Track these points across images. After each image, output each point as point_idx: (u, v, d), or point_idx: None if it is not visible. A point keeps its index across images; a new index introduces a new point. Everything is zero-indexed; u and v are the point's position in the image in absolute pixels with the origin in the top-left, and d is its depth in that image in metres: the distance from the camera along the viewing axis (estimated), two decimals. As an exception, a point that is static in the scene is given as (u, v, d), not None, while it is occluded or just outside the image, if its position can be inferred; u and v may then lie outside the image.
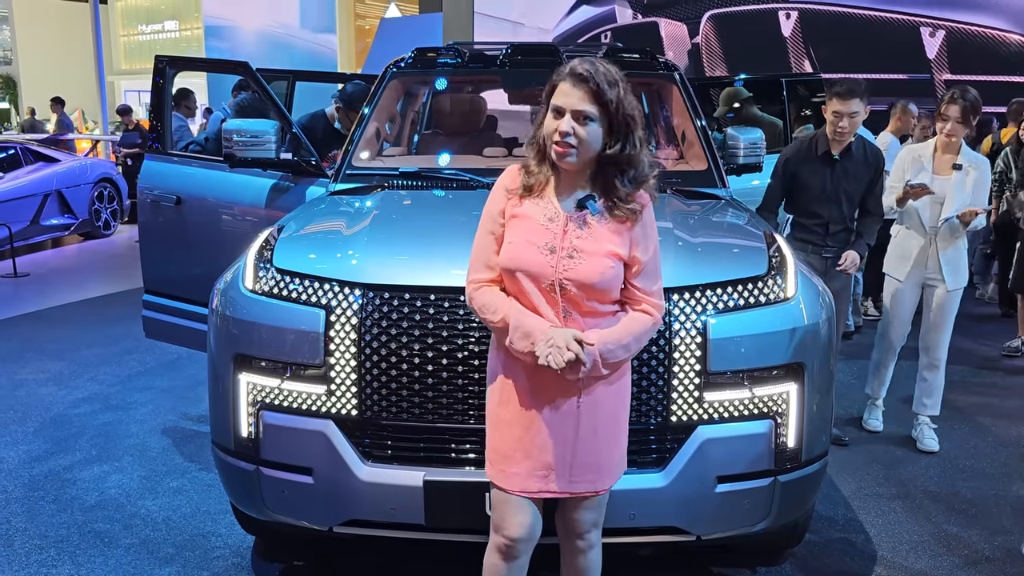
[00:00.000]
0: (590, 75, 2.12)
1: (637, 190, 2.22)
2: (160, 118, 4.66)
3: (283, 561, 3.34)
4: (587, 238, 2.19)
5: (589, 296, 2.19)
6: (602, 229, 2.20)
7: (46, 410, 5.00)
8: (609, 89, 2.13)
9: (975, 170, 4.32)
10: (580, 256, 2.17)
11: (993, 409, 5.18)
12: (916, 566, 3.35)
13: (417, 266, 2.76)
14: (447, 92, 4.68)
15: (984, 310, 7.76)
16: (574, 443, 2.26)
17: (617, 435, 2.34)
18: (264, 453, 2.74)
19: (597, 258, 2.17)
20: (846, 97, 4.08)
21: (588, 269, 2.16)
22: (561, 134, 2.14)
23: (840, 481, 4.09)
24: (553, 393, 2.23)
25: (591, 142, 2.15)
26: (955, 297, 4.44)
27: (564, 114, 2.14)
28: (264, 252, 2.91)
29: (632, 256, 2.22)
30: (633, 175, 2.20)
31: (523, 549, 2.35)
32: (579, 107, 2.13)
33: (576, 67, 2.15)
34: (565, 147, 2.14)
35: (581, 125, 2.13)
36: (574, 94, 2.14)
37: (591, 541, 2.43)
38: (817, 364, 2.78)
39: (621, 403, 2.34)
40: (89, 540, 3.49)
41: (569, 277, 2.17)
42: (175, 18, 29.49)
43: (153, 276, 4.67)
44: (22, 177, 10.51)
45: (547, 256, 2.18)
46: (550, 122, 2.18)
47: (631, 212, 2.20)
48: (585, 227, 2.20)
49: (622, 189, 2.19)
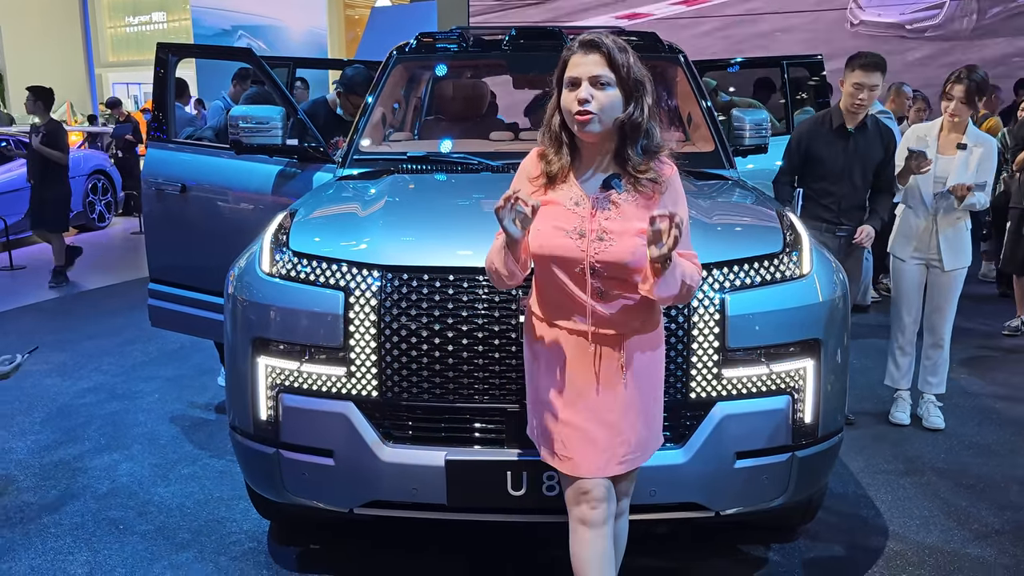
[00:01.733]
0: (600, 41, 2.15)
1: (652, 160, 2.22)
2: (163, 107, 4.64)
3: (299, 545, 3.35)
4: (615, 219, 2.18)
5: (622, 276, 2.19)
6: (629, 208, 2.19)
7: (52, 401, 4.99)
8: (620, 54, 2.15)
9: (980, 149, 4.34)
10: (610, 237, 2.17)
11: (997, 387, 5.22)
12: (927, 541, 3.39)
13: (434, 247, 2.76)
14: (451, 77, 4.67)
15: (983, 290, 7.81)
16: (621, 424, 2.27)
17: (657, 410, 2.38)
18: (284, 436, 2.74)
19: (627, 238, 2.16)
20: (870, 69, 4.10)
21: (619, 250, 2.16)
22: (580, 101, 2.13)
23: (849, 459, 4.12)
24: (597, 375, 2.24)
25: (610, 108, 2.15)
26: (956, 277, 4.46)
27: (580, 84, 2.15)
28: (280, 236, 2.91)
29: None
30: (645, 144, 2.21)
31: (604, 513, 2.32)
32: (595, 72, 2.14)
33: (584, 38, 2.18)
34: (586, 115, 2.14)
35: (599, 90, 2.14)
36: (587, 61, 2.15)
37: (622, 508, 2.47)
38: (833, 340, 2.80)
39: (658, 379, 2.37)
40: (104, 527, 3.49)
41: (601, 260, 2.17)
42: (163, 9, 29.27)
43: (159, 265, 4.66)
44: (15, 170, 10.45)
45: (577, 240, 2.18)
46: (567, 96, 2.18)
47: (653, 183, 2.20)
48: (612, 207, 2.19)
49: (636, 159, 2.20)
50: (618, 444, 2.28)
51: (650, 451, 2.38)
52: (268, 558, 3.26)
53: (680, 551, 3.28)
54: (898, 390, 4.70)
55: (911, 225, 4.47)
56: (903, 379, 4.68)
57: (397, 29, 13.20)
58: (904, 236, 4.51)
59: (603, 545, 2.33)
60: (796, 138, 4.37)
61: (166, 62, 4.59)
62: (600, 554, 2.33)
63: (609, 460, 2.28)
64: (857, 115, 4.20)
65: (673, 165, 2.27)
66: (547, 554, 3.26)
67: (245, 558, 3.25)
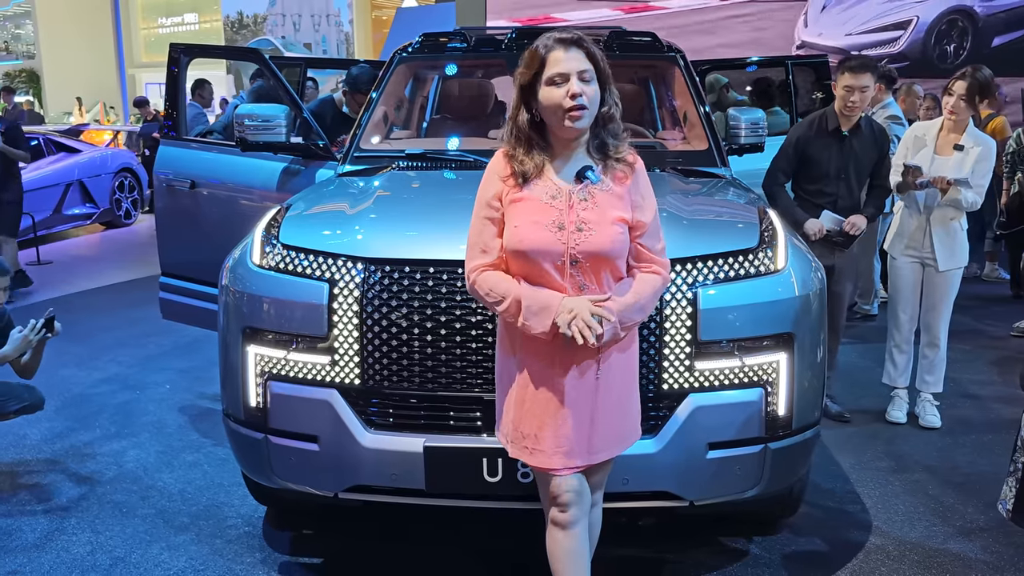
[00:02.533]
0: (579, 37, 2.20)
1: (622, 144, 2.29)
2: (175, 105, 4.78)
3: (293, 530, 3.46)
4: (592, 208, 2.22)
5: (602, 266, 2.24)
6: (605, 197, 2.24)
7: (67, 390, 5.16)
8: (595, 48, 2.22)
9: (977, 150, 4.32)
10: (589, 228, 2.20)
11: (997, 388, 5.21)
12: (910, 536, 3.42)
13: (417, 241, 2.85)
14: (454, 76, 4.76)
15: (995, 291, 7.75)
16: (593, 416, 2.30)
17: (632, 403, 2.42)
18: (272, 422, 2.85)
19: (606, 226, 2.21)
20: (859, 71, 4.14)
21: (599, 239, 2.20)
22: (573, 96, 2.16)
23: (840, 456, 4.15)
24: (569, 370, 2.27)
25: (595, 101, 2.21)
26: (951, 277, 4.45)
27: (568, 79, 2.17)
28: (271, 229, 3.02)
29: (635, 219, 2.27)
30: (615, 130, 2.28)
31: (577, 514, 2.37)
32: (582, 67, 2.18)
33: (559, 35, 2.22)
34: (579, 109, 2.17)
35: (586, 85, 2.18)
36: (572, 57, 2.18)
37: (595, 500, 2.51)
38: (807, 334, 2.85)
39: (632, 372, 2.41)
40: (108, 510, 3.63)
41: (582, 250, 2.20)
42: (195, 11, 29.71)
43: (169, 259, 4.80)
44: (44, 167, 10.72)
45: (556, 233, 2.21)
46: (553, 93, 2.18)
47: (627, 166, 2.27)
48: (590, 198, 2.23)
49: (611, 144, 2.26)
50: (592, 435, 2.31)
51: (627, 442, 2.43)
52: (262, 541, 3.37)
53: (663, 543, 3.34)
54: (895, 388, 4.71)
55: (906, 224, 4.49)
56: (900, 377, 4.69)
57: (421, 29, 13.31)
58: (898, 235, 4.53)
59: (574, 544, 2.39)
60: (791, 141, 4.39)
61: (178, 61, 4.74)
62: (571, 552, 2.40)
63: (581, 451, 2.31)
64: (851, 117, 4.23)
65: (636, 154, 2.33)
66: (535, 541, 3.34)
67: (240, 541, 3.37)
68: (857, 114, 4.24)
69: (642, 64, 4.77)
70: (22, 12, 31.35)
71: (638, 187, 2.29)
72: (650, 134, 4.47)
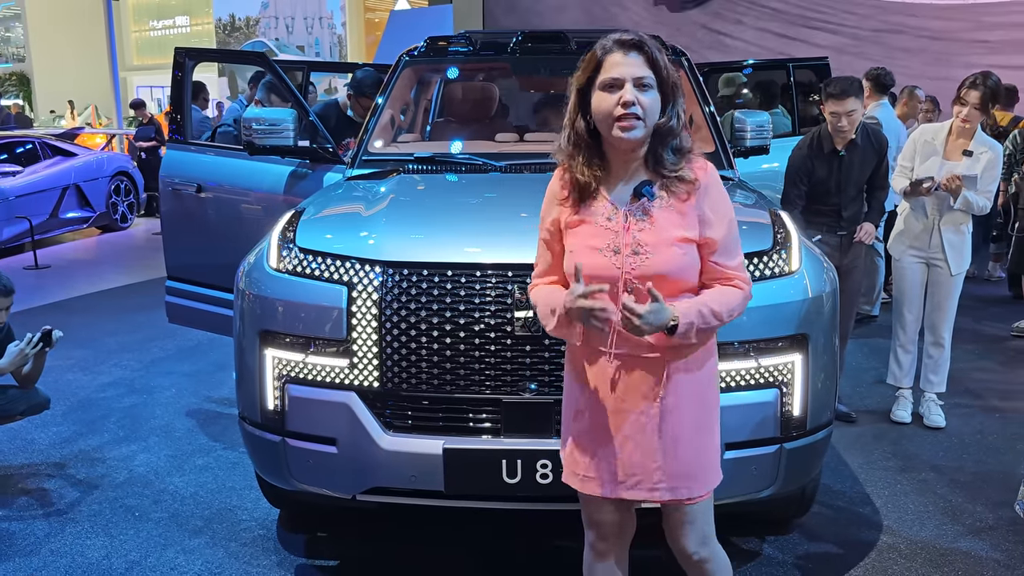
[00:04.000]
0: (641, 41, 2.03)
1: (681, 160, 2.08)
2: (180, 109, 4.78)
3: (307, 532, 3.46)
4: (649, 229, 2.05)
5: (664, 289, 2.03)
6: (664, 216, 2.06)
7: (73, 395, 5.15)
8: (659, 54, 2.04)
9: (986, 156, 4.35)
10: (646, 250, 2.04)
11: (1000, 387, 5.26)
12: (920, 535, 3.45)
13: (434, 244, 2.87)
14: (459, 80, 4.78)
15: (994, 292, 7.81)
16: (652, 449, 2.12)
17: (701, 441, 2.18)
18: (289, 424, 2.86)
19: (664, 248, 2.04)
20: (840, 98, 4.14)
21: (655, 262, 2.04)
22: (625, 104, 1.99)
23: (848, 456, 4.18)
24: (630, 397, 2.12)
25: (652, 112, 2.02)
26: (958, 279, 4.50)
27: (622, 85, 2.01)
28: (287, 233, 3.02)
29: (704, 237, 2.08)
30: (676, 146, 2.07)
31: (610, 548, 2.32)
32: (639, 73, 2.00)
33: (621, 37, 2.05)
34: (631, 119, 2.00)
35: (641, 93, 2.01)
36: (629, 61, 2.02)
37: (701, 555, 2.25)
38: (821, 335, 2.88)
39: (705, 407, 2.19)
40: (120, 514, 3.63)
41: (638, 275, 2.04)
42: (186, 13, 29.69)
43: (175, 262, 4.80)
44: (41, 171, 10.70)
45: (611, 258, 2.06)
46: (605, 99, 2.02)
47: (688, 183, 2.07)
48: (646, 218, 2.06)
49: (668, 161, 2.06)
50: (653, 470, 2.13)
51: (699, 485, 2.17)
52: (277, 544, 3.37)
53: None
54: (900, 388, 4.74)
55: (912, 226, 4.52)
56: (905, 377, 4.72)
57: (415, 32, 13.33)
58: (904, 236, 4.57)
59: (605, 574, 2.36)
60: (795, 167, 4.39)
61: (183, 65, 4.74)
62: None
63: (623, 487, 2.16)
64: (845, 136, 4.25)
65: (708, 166, 2.13)
66: (550, 543, 3.36)
67: (255, 544, 3.37)
68: (849, 134, 4.25)
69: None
70: (12, 15, 31.27)
71: (706, 203, 2.08)
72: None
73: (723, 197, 2.13)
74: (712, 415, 2.22)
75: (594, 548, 2.35)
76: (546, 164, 3.73)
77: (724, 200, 2.12)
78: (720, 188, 2.13)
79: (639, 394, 2.12)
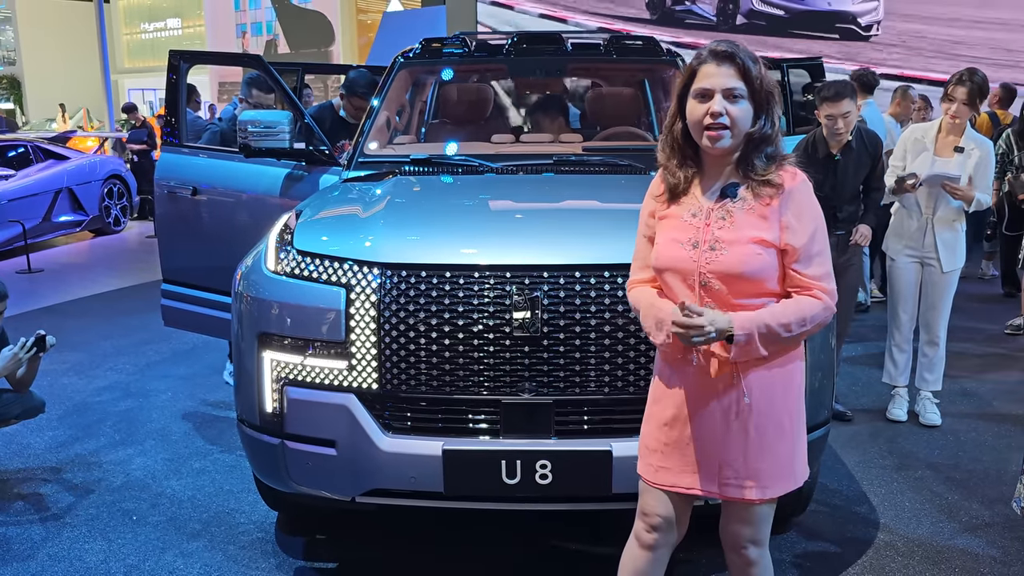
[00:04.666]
0: (734, 52, 2.09)
1: (772, 165, 2.13)
2: (175, 112, 4.77)
3: (306, 535, 3.46)
4: (728, 227, 2.12)
5: (736, 288, 2.11)
6: (744, 216, 2.13)
7: (68, 399, 5.13)
8: (753, 65, 2.09)
9: (977, 152, 4.39)
10: (722, 247, 2.11)
11: (995, 385, 5.28)
12: (917, 533, 3.46)
13: (431, 246, 2.87)
14: (455, 81, 4.78)
15: (987, 290, 7.84)
16: (724, 445, 2.18)
17: (777, 443, 2.20)
18: (288, 427, 2.85)
19: (739, 246, 2.10)
20: (835, 100, 4.16)
21: (730, 259, 2.10)
22: (713, 115, 2.07)
23: (844, 454, 4.20)
24: (707, 392, 2.18)
25: (742, 122, 2.09)
26: (952, 277, 4.52)
27: (712, 96, 2.08)
28: (285, 235, 3.02)
29: (784, 242, 2.11)
30: (771, 152, 2.14)
31: (660, 541, 2.34)
32: (729, 84, 2.07)
33: (716, 47, 2.12)
34: (719, 129, 2.08)
35: (731, 104, 2.08)
36: (721, 73, 2.09)
37: (750, 557, 2.32)
38: (818, 334, 2.87)
39: (785, 409, 2.21)
40: (118, 518, 3.62)
41: (712, 270, 2.11)
42: (177, 16, 29.64)
43: (171, 266, 4.79)
44: (33, 175, 10.66)
45: (690, 251, 2.14)
46: (696, 108, 2.11)
47: (773, 188, 2.12)
48: (727, 217, 2.14)
49: (760, 166, 2.12)
50: (724, 465, 2.19)
51: (769, 488, 2.21)
52: (275, 547, 3.37)
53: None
54: (895, 387, 4.76)
55: (906, 225, 4.55)
56: (900, 376, 4.74)
57: (408, 33, 13.33)
58: (897, 235, 4.59)
59: (644, 566, 2.36)
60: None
61: (178, 68, 4.73)
62: (637, 571, 2.37)
63: (693, 479, 2.23)
64: (840, 140, 4.27)
65: (798, 174, 2.17)
66: (546, 542, 3.36)
67: (253, 547, 3.37)
68: (845, 137, 4.27)
69: (641, 68, 4.82)
70: (2, 18, 31.20)
71: (789, 209, 2.12)
72: (651, 137, 4.50)
73: (808, 206, 2.16)
74: (792, 422, 2.23)
75: (639, 539, 2.37)
76: (541, 165, 3.74)
77: (809, 209, 2.15)
78: (806, 196, 2.16)
79: (715, 392, 2.18)
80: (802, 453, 2.28)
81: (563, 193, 3.49)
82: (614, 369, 2.70)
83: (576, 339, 2.68)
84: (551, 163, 3.76)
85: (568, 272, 2.71)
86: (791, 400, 2.22)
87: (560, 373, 2.69)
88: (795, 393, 2.24)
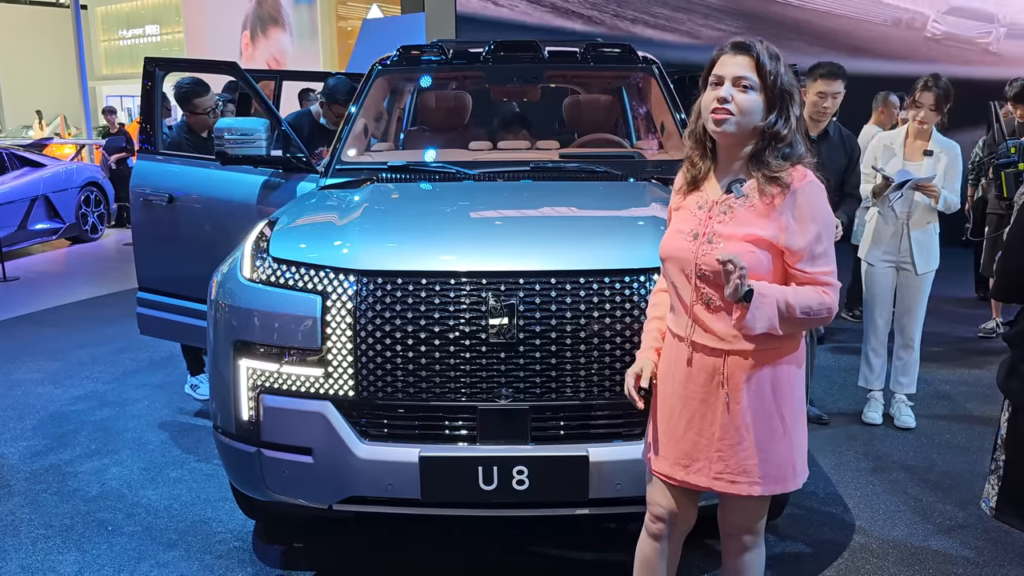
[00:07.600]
0: (751, 44, 2.15)
1: (786, 164, 2.16)
2: (150, 119, 4.75)
3: (283, 543, 3.45)
4: (728, 222, 2.17)
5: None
6: (744, 213, 2.17)
7: (43, 408, 5.08)
8: (769, 60, 2.14)
9: (946, 155, 4.47)
10: (718, 240, 2.16)
11: (969, 387, 5.35)
12: (892, 534, 3.50)
13: (408, 253, 2.87)
14: (432, 88, 4.79)
15: (959, 293, 7.93)
16: (716, 438, 2.23)
17: (768, 443, 2.22)
18: (265, 435, 2.84)
19: (732, 242, 2.14)
20: (830, 78, 4.24)
21: (722, 252, 2.10)
22: (719, 100, 2.13)
23: (820, 457, 4.23)
24: (697, 389, 2.24)
25: (749, 111, 2.13)
26: (926, 280, 4.58)
27: (723, 82, 2.15)
28: (260, 243, 3.02)
29: (784, 243, 2.14)
30: (788, 153, 2.17)
31: (667, 532, 2.42)
32: (738, 72, 2.13)
33: (736, 39, 2.19)
34: (723, 113, 2.13)
35: (740, 92, 2.13)
36: (734, 62, 2.15)
37: (743, 543, 2.41)
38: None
39: (777, 410, 2.23)
40: (93, 528, 3.59)
41: (706, 263, 2.15)
42: (156, 22, 29.44)
43: (147, 274, 4.76)
44: (8, 182, 10.55)
45: (690, 243, 2.20)
46: (708, 94, 2.18)
47: (780, 186, 2.14)
48: (729, 211, 2.18)
49: (773, 163, 2.15)
50: (715, 459, 2.24)
51: (764, 485, 2.24)
52: (252, 555, 3.35)
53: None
54: (871, 391, 4.81)
55: (881, 229, 4.60)
56: (876, 380, 4.79)
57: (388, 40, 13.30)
58: (874, 241, 4.64)
59: (652, 556, 2.46)
60: None
61: (153, 75, 4.70)
62: (645, 561, 2.48)
63: (687, 471, 2.29)
64: (820, 123, 4.33)
65: (806, 176, 2.18)
66: (525, 548, 3.36)
67: (230, 556, 3.35)
68: (827, 119, 4.34)
69: (618, 75, 4.84)
70: (-22, 25, 30.86)
71: (792, 210, 2.14)
72: (628, 144, 4.53)
73: (813, 207, 2.16)
74: (789, 422, 2.25)
75: (646, 528, 2.47)
76: (519, 172, 3.75)
77: (813, 210, 2.16)
78: (811, 198, 2.17)
79: (708, 384, 2.23)
80: (801, 456, 2.31)
81: (540, 200, 3.50)
82: (590, 375, 2.71)
83: (552, 345, 2.69)
84: (528, 170, 3.77)
85: (544, 278, 2.72)
86: (785, 402, 2.24)
87: (536, 379, 2.70)
88: (789, 396, 2.25)
